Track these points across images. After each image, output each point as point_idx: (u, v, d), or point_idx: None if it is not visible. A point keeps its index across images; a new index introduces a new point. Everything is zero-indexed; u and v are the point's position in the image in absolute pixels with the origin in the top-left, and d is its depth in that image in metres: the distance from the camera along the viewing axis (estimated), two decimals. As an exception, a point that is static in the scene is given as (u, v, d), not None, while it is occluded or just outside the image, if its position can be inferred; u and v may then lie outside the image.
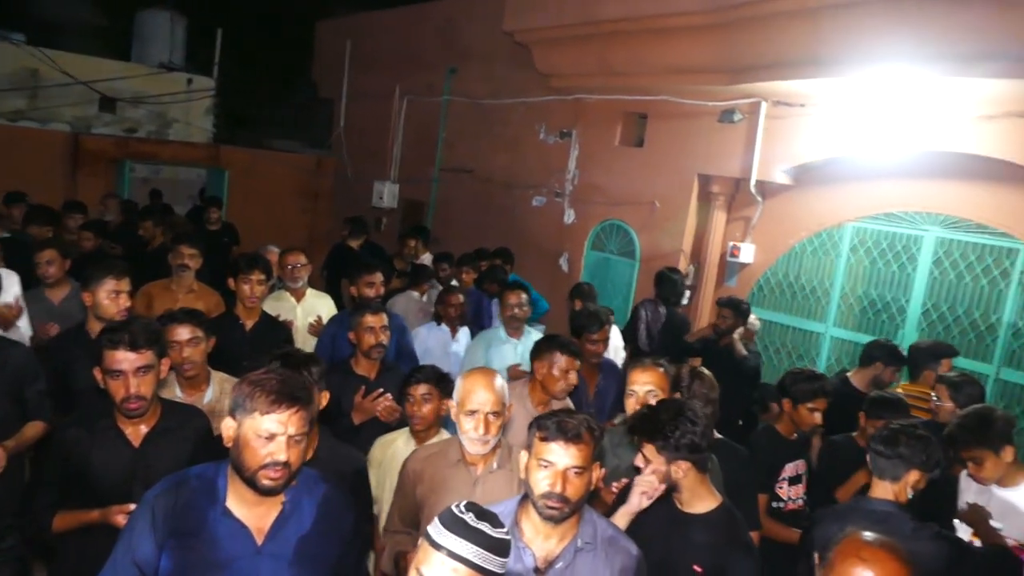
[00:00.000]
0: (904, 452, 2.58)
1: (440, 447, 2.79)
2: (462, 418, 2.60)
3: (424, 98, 9.63)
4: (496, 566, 1.60)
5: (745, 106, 6.35)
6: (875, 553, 1.76)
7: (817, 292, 6.42)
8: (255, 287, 4.18)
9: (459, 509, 1.64)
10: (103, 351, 2.55)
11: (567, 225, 7.91)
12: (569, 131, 7.91)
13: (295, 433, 1.90)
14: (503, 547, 1.63)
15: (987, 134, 5.11)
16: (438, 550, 1.59)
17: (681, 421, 2.37)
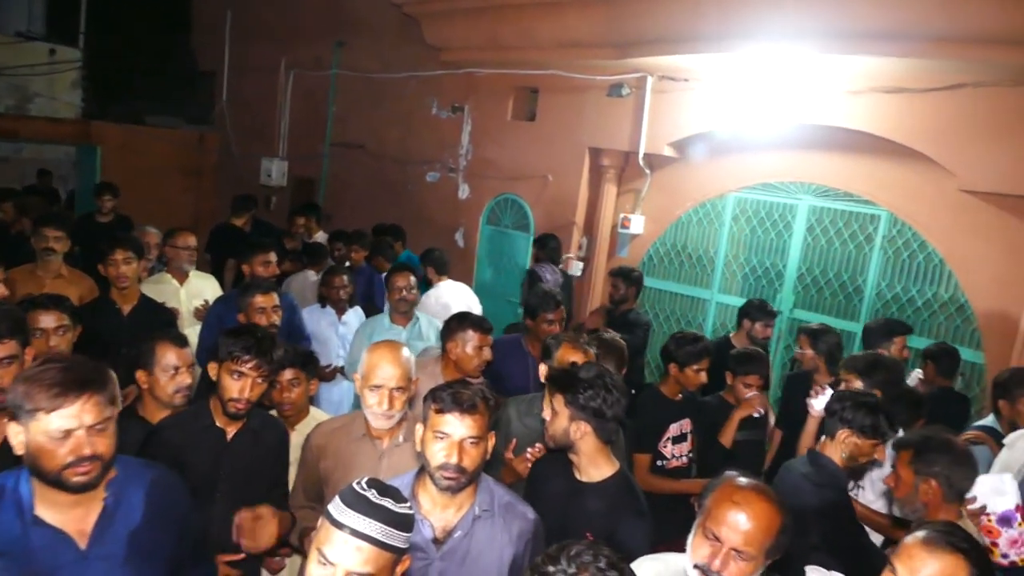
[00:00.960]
0: (840, 412, 2.80)
1: (344, 421, 2.77)
2: (366, 392, 2.56)
3: (311, 72, 9.33)
4: (401, 541, 1.59)
5: (632, 80, 6.50)
6: (747, 495, 1.85)
7: (703, 260, 6.70)
8: (121, 267, 3.94)
9: (360, 486, 1.61)
10: None
11: (462, 200, 7.90)
12: (461, 106, 7.87)
13: (94, 422, 1.71)
14: (407, 522, 1.61)
15: (854, 108, 5.46)
16: (340, 529, 1.55)
17: (597, 384, 2.41)
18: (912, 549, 1.86)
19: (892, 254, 5.68)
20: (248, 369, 2.52)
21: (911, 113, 5.21)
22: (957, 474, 2.46)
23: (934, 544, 1.83)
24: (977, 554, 1.83)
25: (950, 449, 2.52)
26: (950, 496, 2.48)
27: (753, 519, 1.81)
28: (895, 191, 5.54)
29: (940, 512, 2.46)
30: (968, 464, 2.51)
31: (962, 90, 4.99)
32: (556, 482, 2.46)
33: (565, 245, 7.09)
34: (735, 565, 1.80)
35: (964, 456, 2.53)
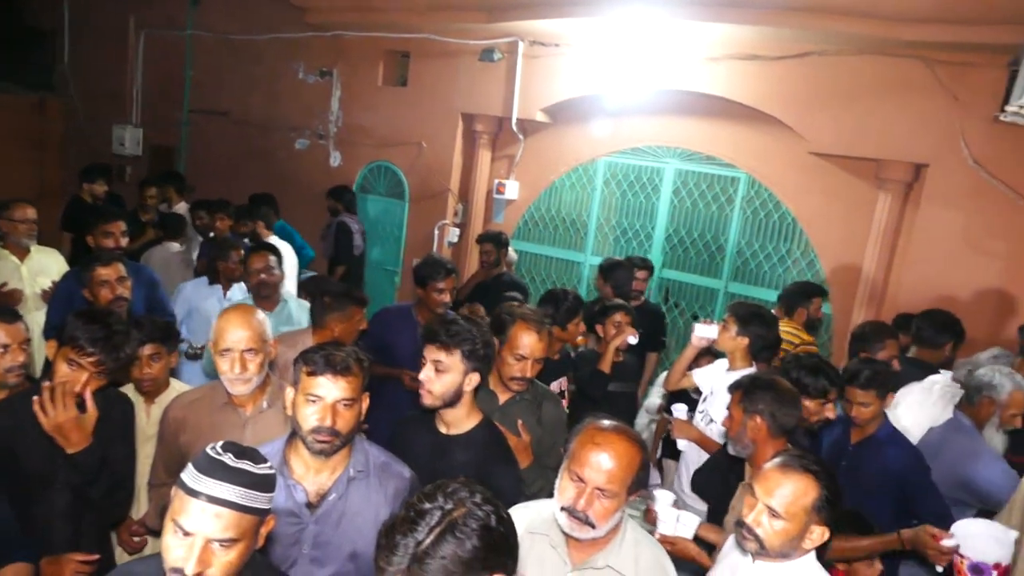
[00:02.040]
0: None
1: (204, 391, 2.64)
2: (218, 359, 2.46)
3: (164, 32, 8.71)
4: (263, 502, 1.55)
5: (504, 45, 6.49)
6: (607, 436, 1.92)
7: (576, 224, 6.84)
8: None
9: (216, 451, 1.54)
10: None
11: (334, 168, 7.66)
12: (330, 70, 7.60)
13: None
14: (268, 482, 1.57)
15: (713, 75, 5.69)
16: (196, 497, 1.48)
17: (462, 324, 2.43)
18: (769, 472, 2.05)
19: (750, 214, 6.01)
20: (88, 363, 2.36)
21: (764, 79, 5.50)
22: (780, 411, 2.58)
23: (788, 466, 2.02)
24: (826, 475, 2.02)
25: (774, 388, 2.63)
26: (775, 431, 2.59)
27: (614, 458, 1.88)
28: (753, 154, 5.85)
29: (766, 447, 2.58)
30: (792, 402, 2.63)
31: (809, 58, 5.31)
32: (422, 439, 2.45)
33: (440, 212, 7.06)
34: (599, 503, 1.88)
35: (788, 394, 2.64)
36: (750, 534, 2.00)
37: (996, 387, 3.30)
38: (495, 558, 1.41)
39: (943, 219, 5.06)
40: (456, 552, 1.34)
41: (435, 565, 1.34)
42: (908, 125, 5.06)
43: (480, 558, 1.36)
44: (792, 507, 1.97)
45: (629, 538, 2.01)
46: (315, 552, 2.07)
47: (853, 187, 5.49)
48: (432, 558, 1.34)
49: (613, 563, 1.96)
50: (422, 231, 7.19)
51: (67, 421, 2.26)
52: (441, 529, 1.36)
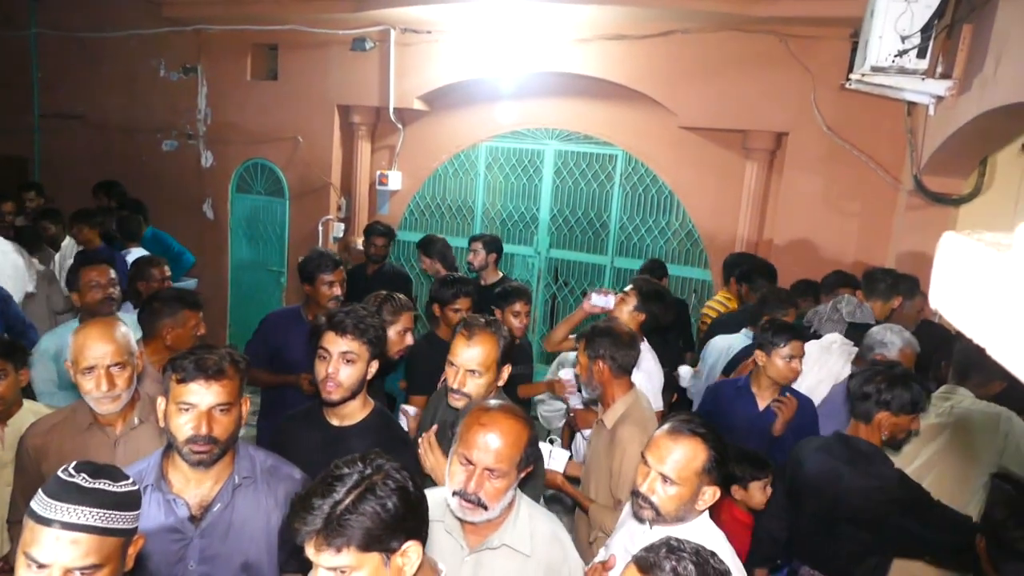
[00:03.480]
0: (876, 395, 2.70)
1: (64, 414, 2.45)
2: (80, 379, 2.30)
3: (4, 32, 8.04)
4: (126, 522, 1.47)
5: (375, 34, 6.39)
6: (492, 416, 1.93)
7: (463, 210, 6.84)
8: None
9: (67, 473, 1.44)
10: None
11: (206, 168, 7.33)
12: (194, 66, 7.24)
13: None
14: (130, 500, 1.48)
15: (584, 55, 5.81)
16: (49, 525, 1.39)
17: (365, 312, 2.44)
18: (658, 439, 2.10)
19: (630, 190, 6.19)
20: None
21: (633, 58, 5.67)
22: (619, 353, 2.84)
23: (676, 431, 2.07)
24: (714, 436, 2.08)
25: (611, 333, 2.89)
26: (616, 372, 2.85)
27: (501, 437, 1.88)
28: (628, 131, 6.02)
29: (612, 387, 2.85)
30: (629, 344, 2.87)
31: (673, 36, 5.51)
32: (310, 435, 2.39)
33: (323, 207, 6.89)
34: (490, 484, 1.88)
35: (624, 337, 2.89)
36: (645, 503, 2.04)
37: (887, 344, 3.49)
38: (413, 521, 1.47)
39: (804, 183, 5.38)
40: (377, 511, 1.40)
41: (356, 524, 1.38)
42: (767, 96, 5.34)
43: (400, 518, 1.43)
44: (684, 471, 2.01)
45: (523, 514, 2.02)
46: (203, 567, 1.97)
47: (723, 158, 5.75)
48: (352, 516, 1.38)
49: (509, 541, 1.97)
50: (305, 228, 7.00)
51: None
52: (361, 490, 1.41)
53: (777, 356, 3.23)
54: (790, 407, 3.23)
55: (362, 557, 1.41)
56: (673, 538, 1.62)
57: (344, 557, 1.40)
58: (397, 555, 1.46)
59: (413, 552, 1.48)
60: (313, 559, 1.42)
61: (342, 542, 1.39)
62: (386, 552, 1.44)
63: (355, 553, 1.40)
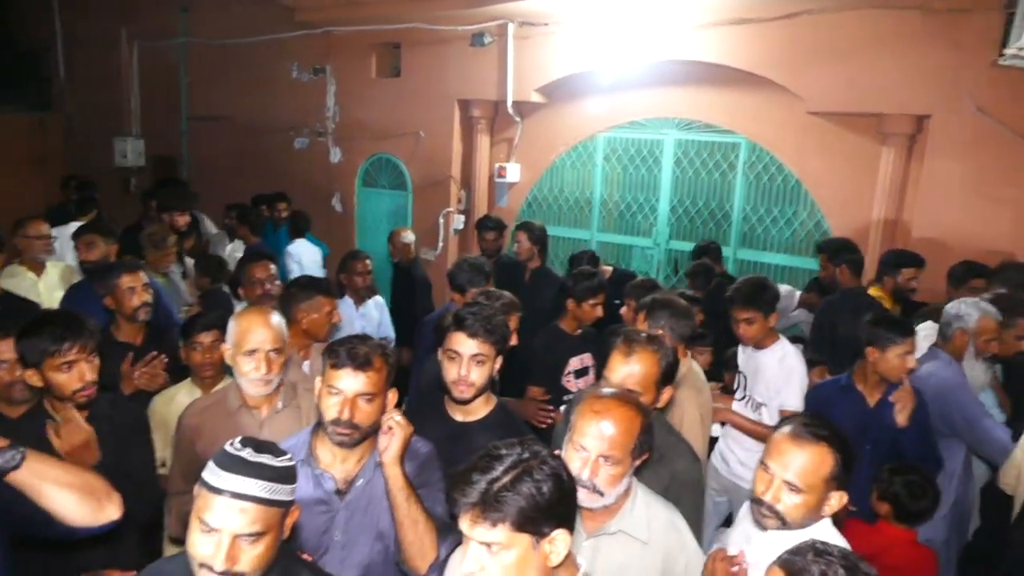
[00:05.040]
0: None
1: (216, 397, 2.65)
2: (240, 360, 2.46)
3: (158, 42, 8.73)
4: (285, 494, 1.57)
5: (494, 28, 6.46)
6: (606, 403, 1.94)
7: (580, 202, 6.83)
8: None
9: (235, 447, 1.56)
10: None
11: (334, 164, 7.68)
12: (323, 67, 7.59)
13: None
14: (290, 474, 1.58)
15: (706, 42, 5.64)
16: (220, 494, 1.50)
17: (492, 312, 2.47)
18: (780, 444, 1.98)
19: (753, 179, 5.97)
20: (75, 355, 2.35)
21: (757, 42, 5.45)
22: (678, 324, 3.00)
23: (800, 437, 1.95)
24: (839, 439, 1.97)
25: (670, 305, 3.07)
26: (674, 340, 2.92)
27: (614, 424, 1.89)
28: (751, 118, 5.80)
29: None
30: (686, 315, 3.05)
31: (800, 18, 5.24)
32: (432, 428, 2.43)
33: (444, 200, 7.06)
34: (604, 470, 1.89)
35: (683, 308, 3.07)
36: (770, 511, 1.95)
37: (963, 317, 3.37)
38: (564, 508, 1.52)
39: (950, 169, 5.00)
40: (533, 493, 1.45)
41: (512, 503, 1.44)
42: (906, 77, 4.99)
43: (553, 503, 1.47)
44: (810, 479, 1.92)
45: (640, 501, 2.02)
46: (346, 537, 2.11)
47: (855, 144, 5.44)
48: (509, 494, 1.44)
49: (626, 527, 1.98)
50: (427, 220, 7.20)
51: (81, 442, 2.27)
52: (518, 471, 1.47)
53: (893, 352, 3.09)
54: (911, 396, 3.11)
55: (514, 536, 1.46)
56: (818, 541, 1.58)
57: (497, 533, 1.45)
58: (546, 541, 1.50)
59: (561, 541, 1.51)
60: (467, 532, 1.49)
61: (498, 517, 1.45)
62: (537, 536, 1.48)
63: (508, 531, 1.45)
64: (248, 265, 3.94)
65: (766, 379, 3.56)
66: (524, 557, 1.48)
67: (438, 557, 2.03)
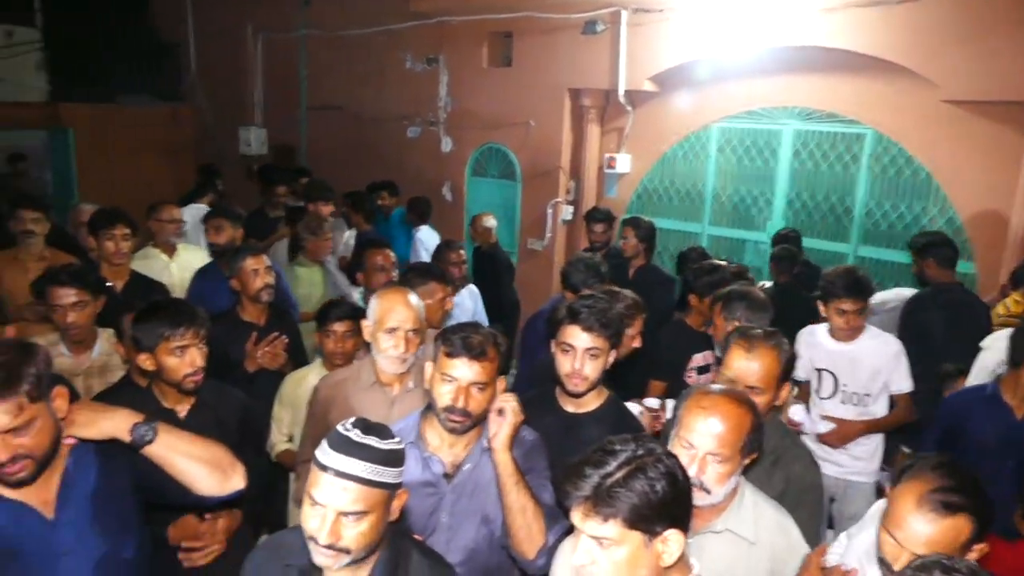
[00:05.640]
0: None
1: (351, 371, 2.77)
2: (380, 336, 2.55)
3: (280, 34, 9.11)
4: (390, 477, 1.58)
5: (607, 16, 6.39)
6: (714, 400, 1.90)
7: (692, 194, 6.68)
8: (120, 242, 3.93)
9: (345, 427, 1.59)
10: None
11: (445, 153, 7.81)
12: (436, 57, 7.72)
13: (7, 427, 1.62)
14: (395, 457, 1.60)
15: (831, 26, 5.38)
16: (325, 471, 1.54)
17: (607, 305, 2.49)
18: (907, 518, 1.70)
19: (879, 172, 5.67)
20: (188, 340, 2.45)
21: (889, 26, 5.15)
22: (754, 317, 2.96)
23: (933, 510, 1.68)
24: (978, 506, 1.70)
25: (746, 297, 3.07)
26: None
27: (723, 421, 1.86)
28: (879, 108, 5.51)
29: None
30: (763, 308, 3.04)
31: (937, -1, 4.93)
32: (545, 419, 2.45)
33: (552, 190, 7.06)
34: (712, 468, 1.86)
35: (759, 302, 3.07)
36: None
37: None
38: (678, 508, 1.50)
39: (1105, 163, 4.60)
40: (646, 491, 1.44)
41: (624, 499, 1.43)
42: (1059, 63, 4.61)
43: (667, 502, 1.46)
44: (944, 550, 1.65)
45: (748, 500, 1.98)
46: (452, 520, 2.16)
47: (994, 135, 5.07)
48: (622, 490, 1.44)
49: (732, 526, 1.94)
50: (536, 210, 7.24)
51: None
52: (632, 468, 1.46)
53: None
54: None
55: (625, 533, 1.46)
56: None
57: (609, 528, 1.45)
58: (658, 540, 1.49)
59: (674, 542, 1.50)
60: (578, 525, 1.49)
61: (610, 512, 1.45)
62: (649, 534, 1.47)
63: (620, 527, 1.45)
64: (367, 252, 4.05)
65: (870, 367, 3.44)
66: (635, 555, 1.47)
67: (546, 543, 2.06)
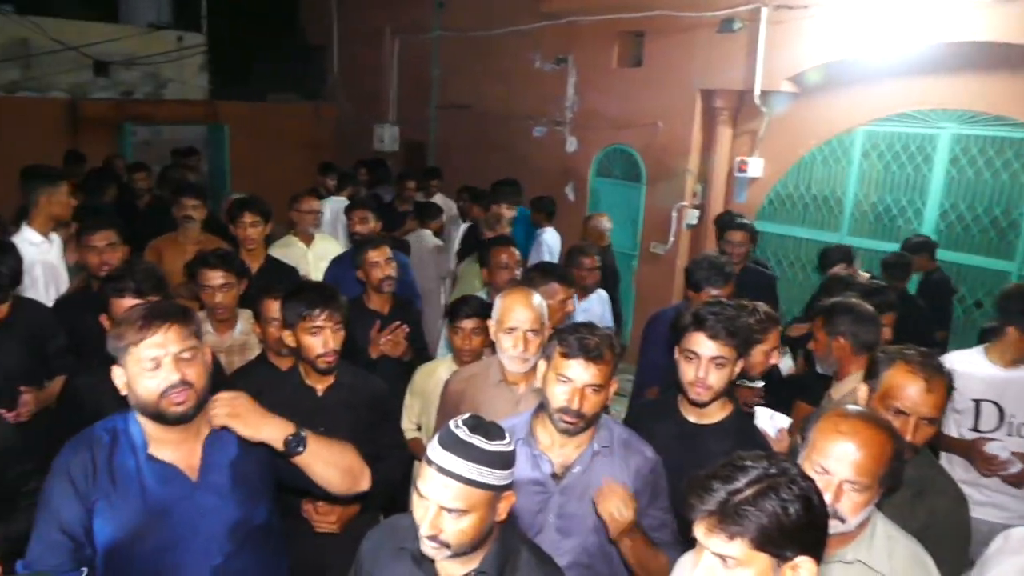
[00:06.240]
0: None
1: (480, 368, 2.81)
2: (501, 336, 2.58)
3: (415, 35, 9.36)
4: (493, 478, 1.55)
5: (745, 13, 6.08)
6: (853, 424, 1.74)
7: (830, 201, 6.24)
8: (248, 229, 4.16)
9: (455, 424, 1.58)
10: (110, 299, 2.61)
11: (570, 153, 7.73)
12: (565, 57, 7.65)
13: (180, 350, 1.81)
14: (501, 459, 1.57)
15: (999, 19, 4.84)
16: (430, 465, 1.55)
17: (736, 313, 2.40)
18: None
19: (1053, 182, 5.05)
20: (322, 321, 2.56)
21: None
22: (862, 330, 2.82)
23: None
24: None
25: (853, 310, 2.89)
26: (858, 349, 2.81)
27: (861, 448, 1.70)
28: (1055, 111, 4.90)
29: (851, 364, 2.81)
30: (871, 321, 2.86)
31: None
32: (665, 427, 2.38)
33: (678, 194, 6.81)
34: (848, 498, 1.70)
35: (867, 315, 2.88)
36: None
37: None
38: (812, 535, 1.38)
39: None
40: (777, 512, 1.34)
41: (753, 518, 1.33)
42: None
43: (800, 526, 1.34)
44: None
45: (880, 532, 1.81)
46: (560, 522, 2.13)
47: None
48: (751, 509, 1.34)
49: (864, 558, 1.78)
50: (659, 214, 7.01)
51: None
52: (762, 487, 1.36)
53: None
54: None
55: (752, 555, 1.35)
56: None
57: (734, 547, 1.35)
58: (788, 566, 1.36)
59: (807, 570, 1.37)
60: (702, 540, 1.40)
61: (736, 531, 1.34)
62: (778, 559, 1.36)
63: (746, 547, 1.34)
64: (493, 249, 4.04)
65: None
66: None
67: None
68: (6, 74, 10.89)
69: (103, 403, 2.40)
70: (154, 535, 1.85)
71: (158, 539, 1.86)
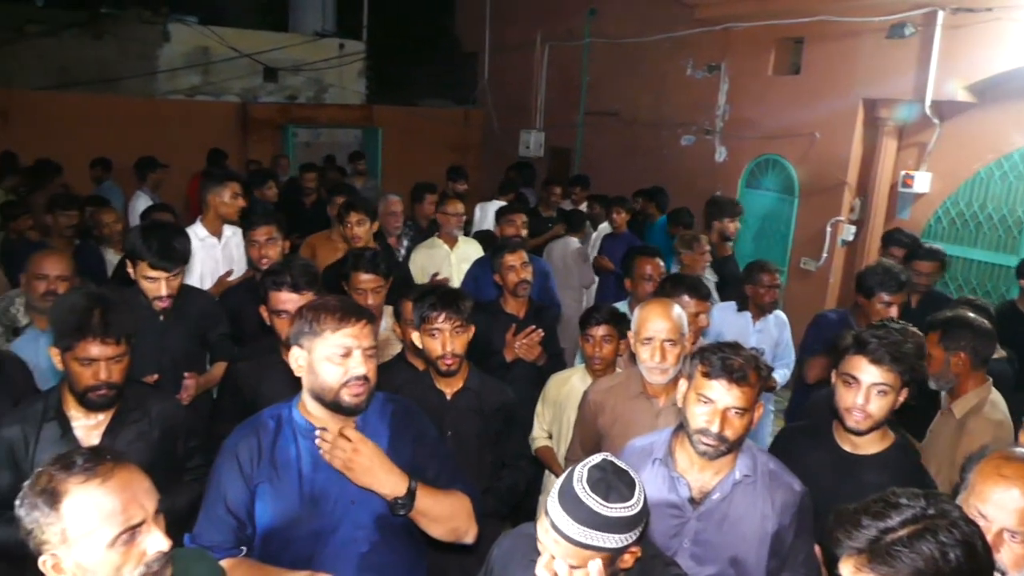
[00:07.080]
0: None
1: (621, 379, 2.82)
2: (639, 347, 2.58)
3: (565, 43, 9.47)
4: (611, 542, 1.47)
5: (918, 17, 5.73)
6: (1017, 468, 1.60)
7: (1007, 221, 5.76)
8: (354, 229, 4.32)
9: (578, 475, 1.50)
10: (268, 292, 2.76)
11: (719, 163, 7.56)
12: (718, 64, 7.50)
13: (368, 346, 1.89)
14: (619, 523, 1.47)
15: None
16: (547, 516, 1.51)
17: (903, 338, 2.28)
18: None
19: None
20: (440, 323, 2.60)
21: None
22: (981, 344, 2.79)
23: None
24: None
25: (971, 325, 2.84)
26: (977, 363, 2.80)
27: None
28: None
29: (969, 378, 2.81)
30: (989, 335, 2.83)
31: None
32: (818, 456, 2.27)
33: (834, 208, 6.50)
34: (1009, 548, 1.56)
35: (985, 329, 2.84)
36: None
37: None
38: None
39: None
40: (936, 557, 1.23)
41: (907, 560, 1.23)
42: None
43: (961, 574, 1.23)
44: None
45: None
46: (696, 549, 2.05)
47: None
48: (904, 551, 1.23)
49: None
50: (812, 228, 6.72)
51: None
52: (918, 528, 1.25)
53: None
54: None
55: None
56: None
57: None
58: None
59: None
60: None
61: (887, 572, 1.25)
62: None
63: None
64: (638, 259, 4.02)
65: None
66: None
67: None
68: (188, 79, 11.95)
69: (260, 389, 2.62)
70: (309, 521, 1.92)
71: (313, 525, 1.93)
